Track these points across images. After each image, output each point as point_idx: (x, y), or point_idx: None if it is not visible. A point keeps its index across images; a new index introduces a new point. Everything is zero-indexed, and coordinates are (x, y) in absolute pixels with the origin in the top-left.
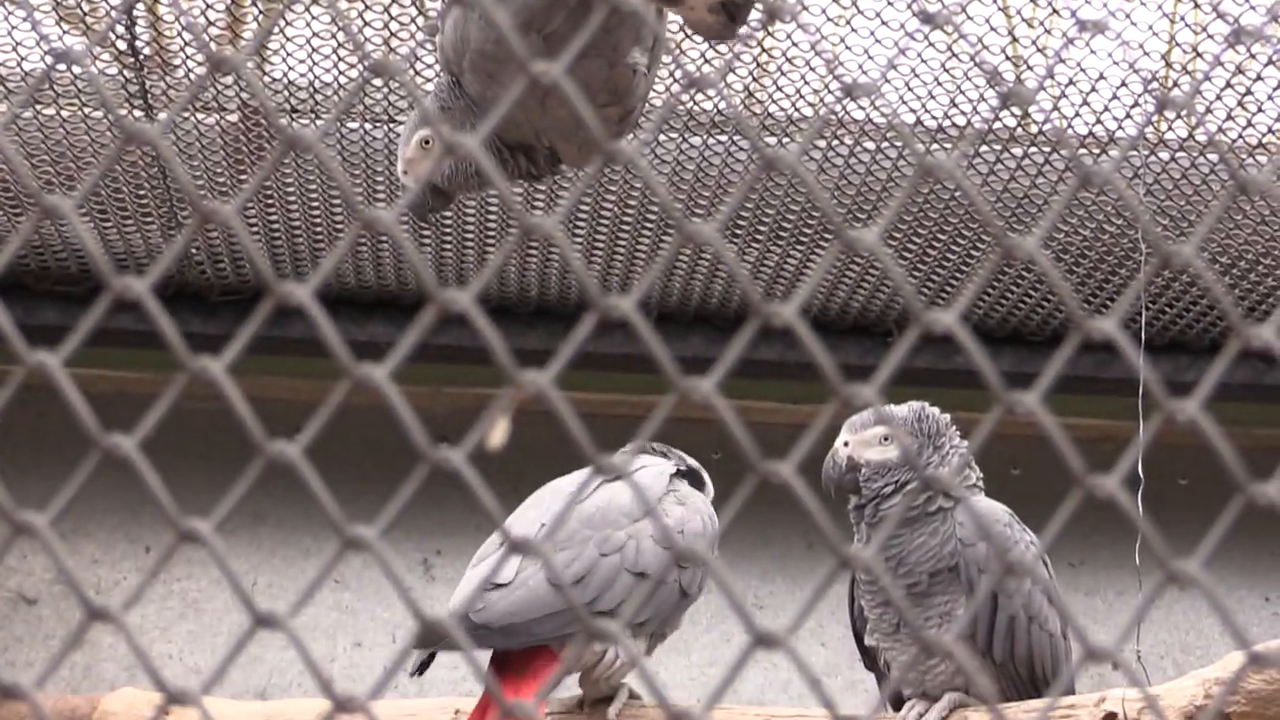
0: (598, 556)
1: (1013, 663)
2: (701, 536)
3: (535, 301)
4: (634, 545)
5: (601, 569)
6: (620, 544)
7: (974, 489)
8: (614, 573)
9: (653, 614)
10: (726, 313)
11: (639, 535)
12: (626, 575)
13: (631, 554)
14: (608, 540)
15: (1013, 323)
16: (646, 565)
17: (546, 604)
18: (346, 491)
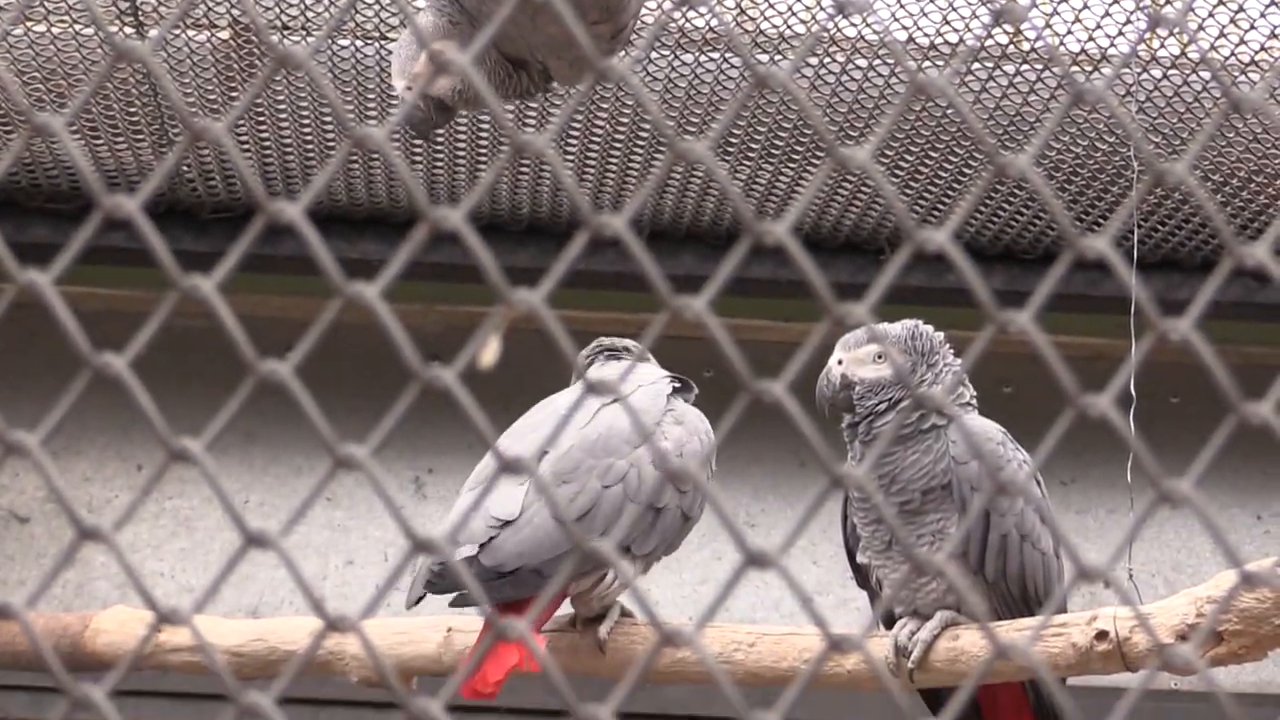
0: (601, 489)
1: (1005, 581)
2: (699, 456)
3: (527, 219)
4: (635, 474)
5: (606, 501)
6: (622, 473)
7: (967, 407)
8: (618, 504)
9: (658, 542)
10: (718, 231)
11: (640, 463)
12: (631, 506)
13: (634, 483)
14: (610, 470)
15: (1005, 241)
16: (650, 493)
17: (556, 543)
18: (338, 410)
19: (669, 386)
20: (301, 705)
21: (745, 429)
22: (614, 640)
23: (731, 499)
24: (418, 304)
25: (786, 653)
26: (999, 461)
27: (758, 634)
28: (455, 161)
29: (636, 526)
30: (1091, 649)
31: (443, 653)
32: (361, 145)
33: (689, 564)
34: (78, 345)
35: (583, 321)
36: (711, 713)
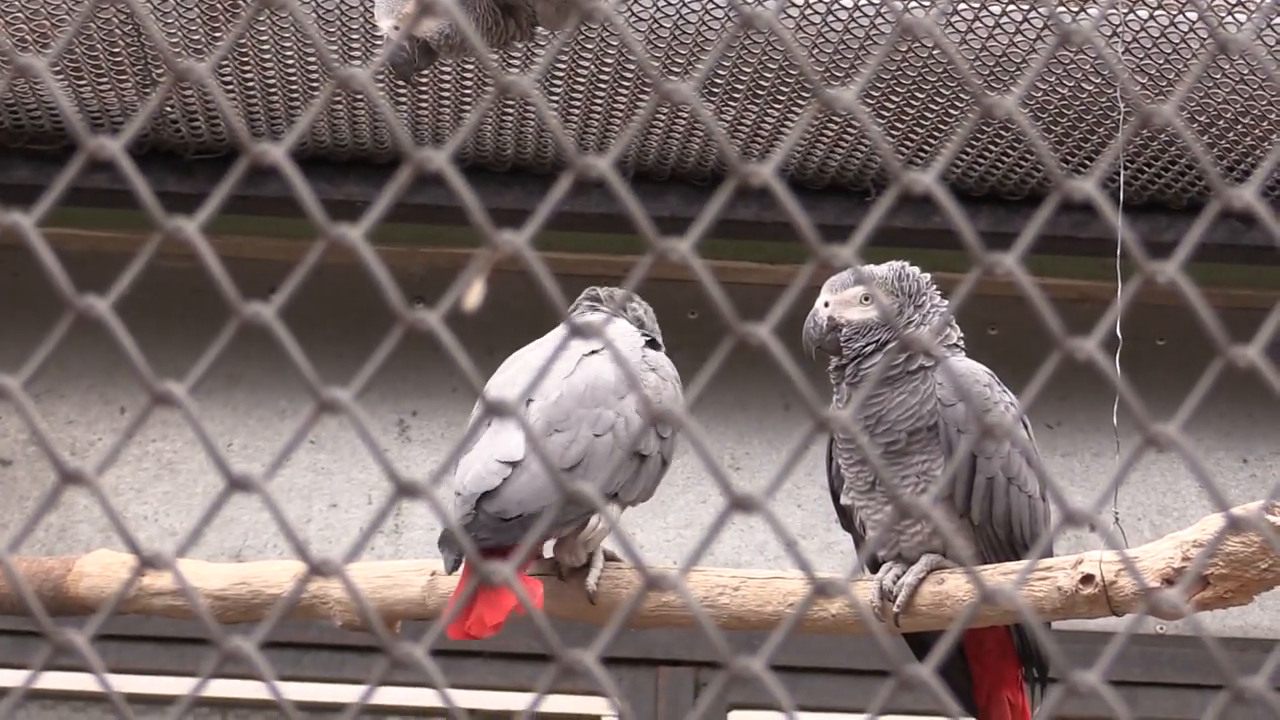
0: (592, 438)
1: (990, 524)
2: (675, 402)
3: (511, 160)
4: (623, 423)
5: (598, 451)
6: (611, 423)
7: (954, 349)
8: (608, 452)
9: (642, 488)
10: (703, 172)
11: (626, 411)
12: (620, 454)
13: (622, 431)
14: (599, 420)
15: (991, 182)
16: (635, 440)
17: (554, 491)
18: (322, 353)
19: (641, 339)
20: (285, 649)
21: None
22: (600, 587)
23: (716, 442)
24: (402, 246)
25: (771, 597)
26: (985, 403)
27: (742, 578)
28: (440, 103)
29: (623, 473)
30: (1077, 593)
31: (427, 596)
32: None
33: (673, 508)
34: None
35: (567, 263)
36: (695, 657)
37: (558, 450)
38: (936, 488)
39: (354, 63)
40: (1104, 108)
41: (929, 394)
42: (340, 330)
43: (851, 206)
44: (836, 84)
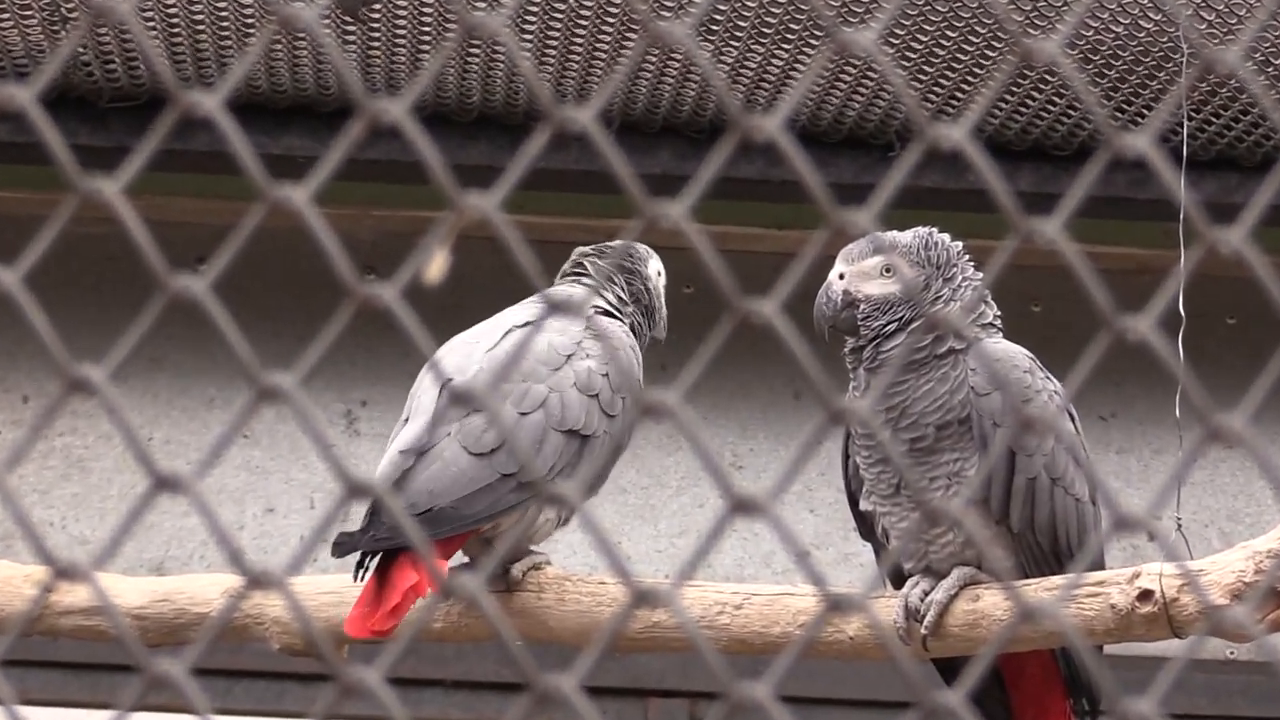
0: (517, 416)
1: (1032, 532)
2: (629, 374)
3: (477, 109)
4: (558, 399)
5: (524, 430)
6: (541, 398)
7: (990, 329)
8: (539, 433)
9: (590, 475)
10: (700, 124)
11: (561, 386)
12: (555, 435)
13: (556, 409)
14: (526, 396)
15: (1033, 136)
16: (575, 420)
17: (471, 477)
18: (258, 332)
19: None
20: (214, 677)
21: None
22: (576, 601)
23: (715, 437)
24: (351, 208)
25: (779, 616)
26: (1026, 392)
27: (745, 594)
28: (394, 44)
29: (561, 457)
30: (1133, 611)
31: None
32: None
33: (664, 512)
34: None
35: (543, 229)
36: (691, 686)
37: (473, 433)
38: (969, 490)
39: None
40: (1164, 50)
41: (960, 381)
42: (279, 306)
43: (871, 163)
44: (854, 23)
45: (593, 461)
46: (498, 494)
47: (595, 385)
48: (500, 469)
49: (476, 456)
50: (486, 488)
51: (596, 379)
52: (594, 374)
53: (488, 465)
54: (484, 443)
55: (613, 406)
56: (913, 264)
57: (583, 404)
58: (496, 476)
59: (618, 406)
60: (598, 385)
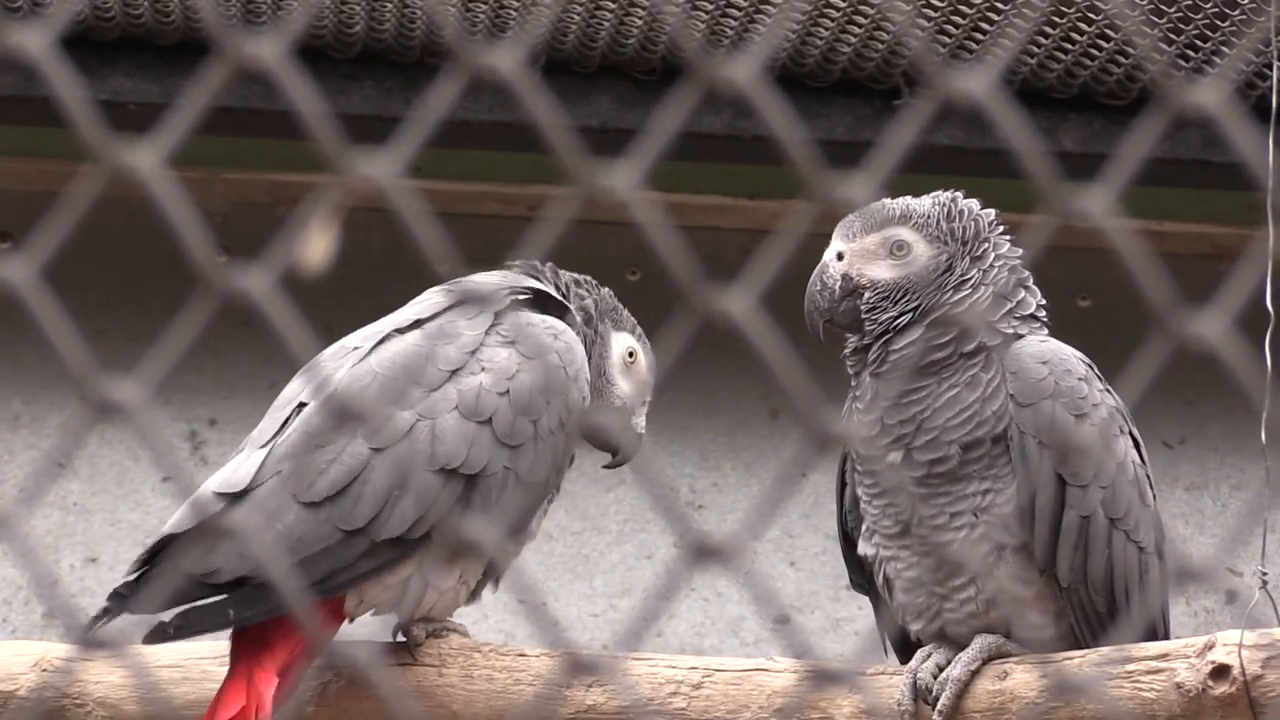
0: (368, 455)
1: (1086, 587)
2: (543, 392)
3: (361, 43)
4: (426, 429)
5: (380, 470)
6: (403, 430)
7: (1032, 322)
8: (400, 472)
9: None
10: (648, 62)
11: (435, 411)
12: (424, 475)
13: (424, 442)
14: (384, 429)
15: (1079, 81)
16: (452, 455)
17: (300, 536)
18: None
19: (506, 299)
20: None
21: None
22: (487, 678)
23: (669, 467)
24: (197, 169)
25: (749, 697)
26: (1081, 405)
27: (707, 669)
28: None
29: (436, 505)
30: (1204, 692)
31: None
32: None
33: (602, 565)
34: None
35: (450, 198)
36: None
37: (305, 475)
38: (1002, 527)
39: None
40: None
41: (995, 388)
42: (105, 297)
43: (873, 114)
44: None
45: (490, 508)
46: (340, 557)
47: (486, 408)
48: (340, 523)
49: (308, 507)
50: (324, 550)
51: (489, 400)
52: (486, 394)
53: (324, 518)
54: (317, 489)
55: (513, 435)
56: (931, 239)
57: (464, 434)
58: (337, 535)
59: (523, 434)
60: (490, 408)
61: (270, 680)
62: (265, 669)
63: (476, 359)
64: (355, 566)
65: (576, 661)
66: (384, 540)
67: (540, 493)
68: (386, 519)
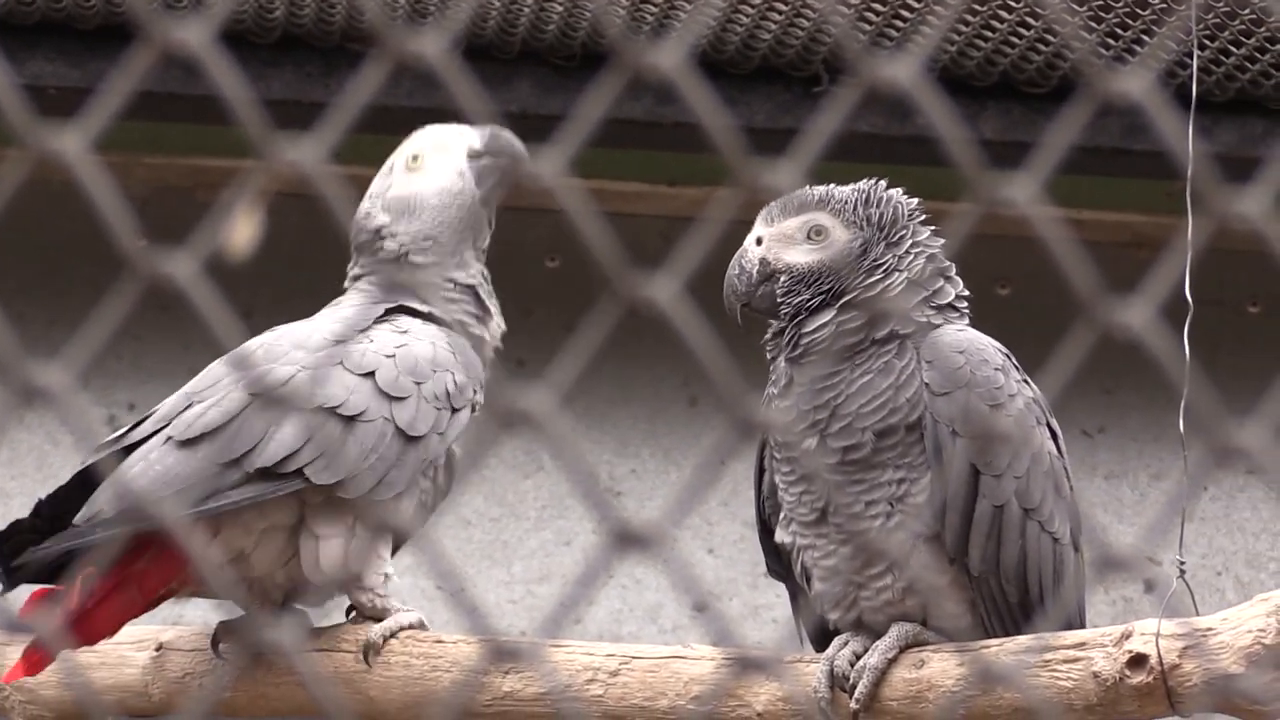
0: (244, 399)
1: (997, 576)
2: (431, 362)
3: (282, 28)
4: (307, 376)
5: (255, 411)
6: (285, 377)
7: (949, 311)
8: (276, 415)
9: (364, 465)
10: (568, 48)
11: (320, 364)
12: (305, 414)
13: (305, 386)
14: (265, 377)
15: (999, 69)
16: (331, 396)
17: (178, 473)
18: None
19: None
20: None
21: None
22: (405, 664)
23: (587, 454)
24: (117, 153)
25: (666, 684)
26: (997, 394)
27: (624, 656)
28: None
29: (315, 440)
30: (1121, 681)
31: (150, 681)
32: None
33: (520, 551)
34: None
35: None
36: None
37: (185, 421)
38: (917, 518)
39: None
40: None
41: (909, 375)
42: (22, 281)
43: (793, 101)
44: None
45: (363, 450)
46: (213, 485)
47: (369, 364)
48: (215, 458)
49: (184, 446)
50: (198, 483)
51: (373, 358)
52: (371, 354)
53: (200, 455)
54: (194, 429)
55: (396, 387)
56: (848, 224)
57: (345, 382)
58: (213, 468)
59: (406, 389)
60: (373, 364)
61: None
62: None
63: (365, 335)
64: (227, 494)
65: (497, 649)
66: (257, 470)
67: (423, 455)
68: (261, 451)
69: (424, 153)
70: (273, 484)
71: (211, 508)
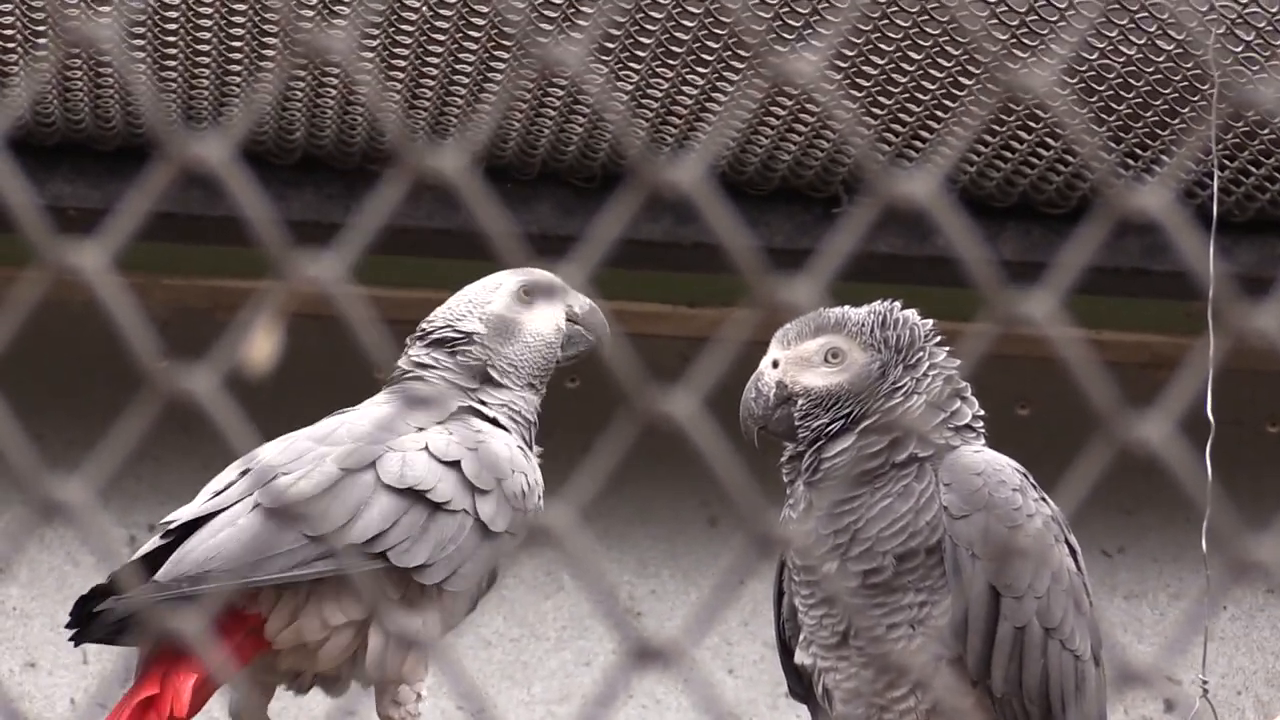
0: (337, 473)
1: (1021, 698)
2: (509, 461)
3: (302, 150)
4: (398, 458)
5: (347, 486)
6: (375, 456)
7: (967, 432)
8: (367, 491)
9: (442, 554)
10: (589, 169)
11: (406, 447)
12: (386, 496)
13: (395, 467)
14: (354, 454)
15: (1018, 189)
16: (420, 479)
17: (266, 540)
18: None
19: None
20: None
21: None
22: None
23: (607, 574)
24: (138, 274)
25: None
26: (1015, 516)
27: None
28: (195, 68)
29: (402, 524)
30: None
31: None
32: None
33: (541, 671)
34: None
35: (394, 304)
36: None
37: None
38: (938, 638)
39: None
40: (1190, 80)
41: (929, 498)
42: (42, 401)
43: (812, 221)
44: (788, 42)
45: (440, 538)
46: (295, 557)
47: (454, 454)
48: (305, 529)
49: (274, 515)
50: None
51: (456, 449)
52: (453, 444)
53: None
54: (288, 497)
55: (480, 479)
56: (865, 347)
57: (432, 467)
58: (301, 540)
59: (488, 483)
60: (457, 454)
61: (187, 679)
62: (182, 671)
63: (446, 425)
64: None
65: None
66: (345, 547)
67: (496, 552)
68: (351, 526)
69: (536, 293)
70: (355, 561)
71: (294, 575)
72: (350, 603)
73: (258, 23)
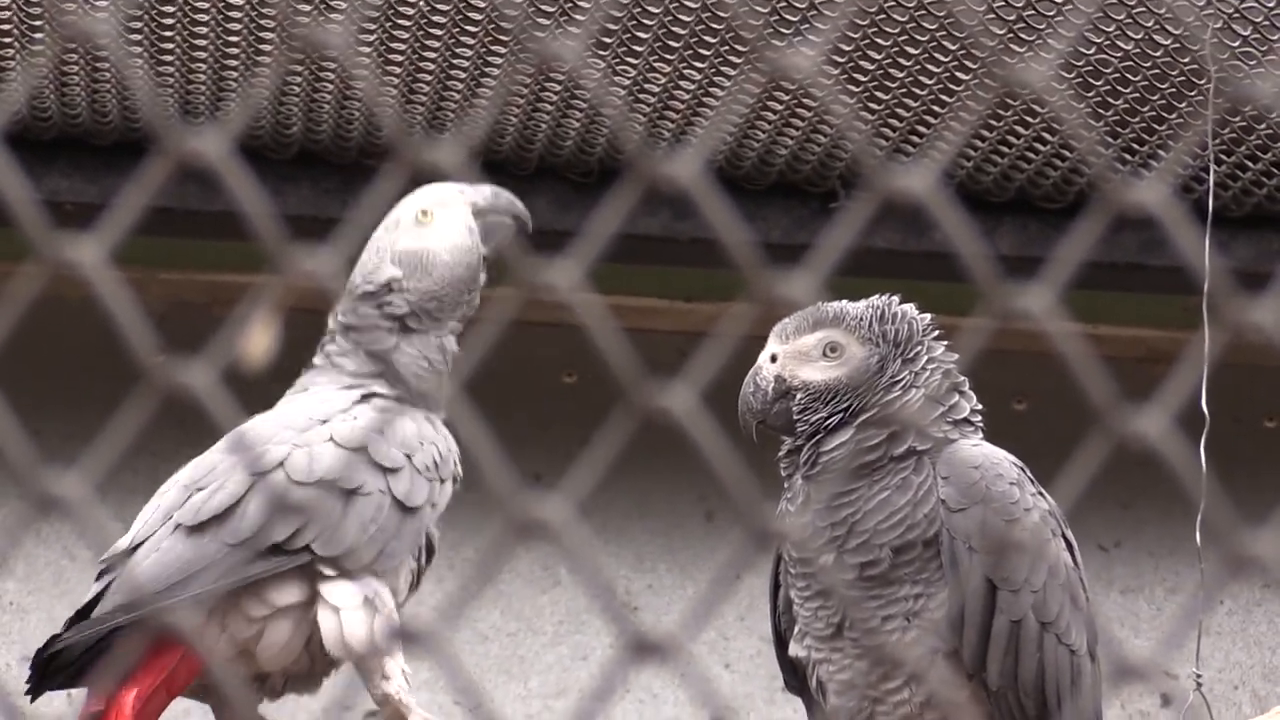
0: (248, 480)
1: (1016, 691)
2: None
3: (299, 144)
4: (304, 454)
5: (261, 494)
6: (281, 457)
7: (965, 426)
8: (280, 491)
9: (365, 537)
10: (585, 163)
11: (311, 441)
12: (300, 491)
13: (301, 463)
14: (263, 458)
15: (1015, 184)
16: (329, 469)
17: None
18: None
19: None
20: None
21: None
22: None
23: (605, 568)
24: (134, 268)
25: None
26: (1012, 510)
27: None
28: (192, 62)
29: (322, 517)
30: None
31: None
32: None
33: (537, 665)
34: None
35: None
36: None
37: (193, 507)
38: (934, 633)
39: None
40: (1187, 75)
41: (926, 491)
42: (39, 397)
43: (810, 216)
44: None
45: (362, 523)
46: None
47: (359, 439)
48: (226, 539)
49: (195, 532)
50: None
51: (362, 434)
52: (359, 429)
53: (208, 539)
54: (203, 514)
55: (388, 458)
56: (863, 341)
57: (340, 456)
58: (223, 549)
59: (398, 460)
60: (363, 439)
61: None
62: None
63: (349, 413)
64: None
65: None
66: (267, 548)
67: (419, 526)
68: (270, 529)
69: (432, 208)
70: (281, 559)
71: (225, 584)
72: (273, 592)
73: (254, 17)
